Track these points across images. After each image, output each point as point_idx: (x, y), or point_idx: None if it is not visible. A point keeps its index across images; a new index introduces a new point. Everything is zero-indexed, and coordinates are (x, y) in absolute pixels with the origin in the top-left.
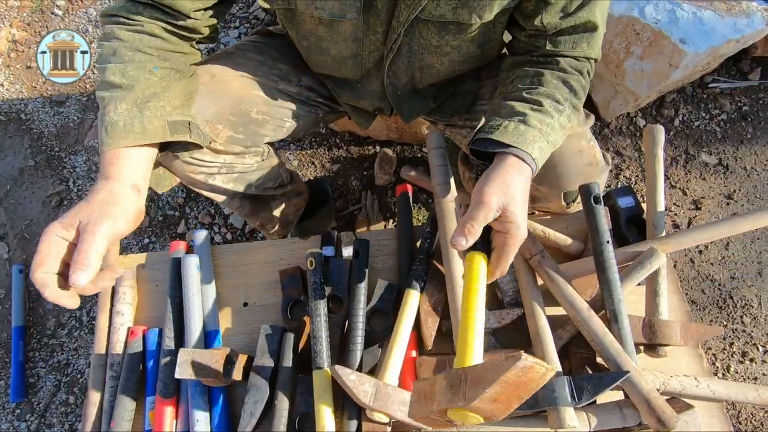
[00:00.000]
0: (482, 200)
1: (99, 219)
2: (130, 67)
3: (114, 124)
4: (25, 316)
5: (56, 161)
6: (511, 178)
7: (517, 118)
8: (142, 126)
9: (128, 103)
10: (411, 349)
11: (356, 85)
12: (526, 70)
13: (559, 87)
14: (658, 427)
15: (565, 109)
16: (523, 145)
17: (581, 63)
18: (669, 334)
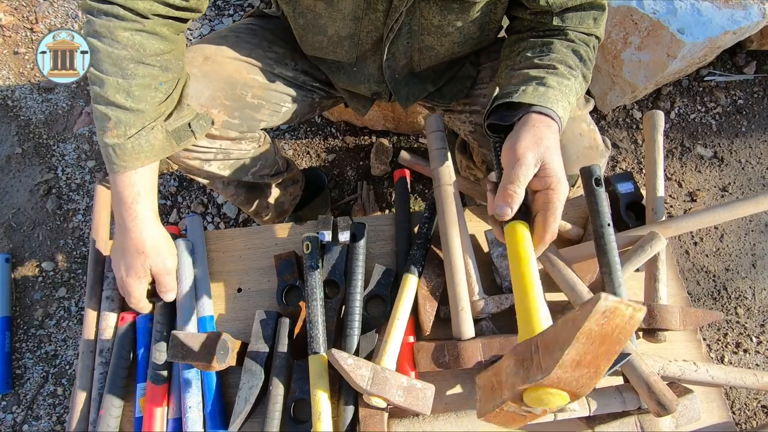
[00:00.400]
0: (518, 157)
1: (164, 262)
2: (135, 87)
3: (122, 147)
4: (11, 306)
5: (44, 149)
6: (542, 132)
7: (535, 82)
8: (150, 144)
9: (137, 128)
10: (408, 334)
11: (351, 69)
12: (533, 41)
13: (569, 54)
14: (658, 411)
15: (577, 75)
16: (547, 103)
17: (588, 37)
18: (668, 319)
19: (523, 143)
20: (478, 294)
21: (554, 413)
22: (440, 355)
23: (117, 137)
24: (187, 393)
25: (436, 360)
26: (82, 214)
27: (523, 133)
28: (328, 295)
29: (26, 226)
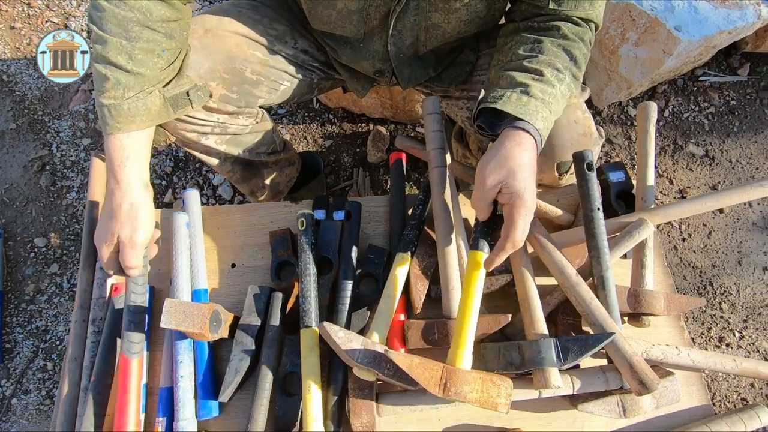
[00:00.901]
0: (480, 179)
1: (132, 234)
2: (138, 50)
3: (118, 108)
4: (2, 281)
5: (39, 125)
6: (510, 152)
7: (519, 89)
8: (146, 108)
9: (135, 91)
10: (399, 312)
11: (358, 45)
12: (526, 36)
13: (559, 55)
14: (639, 389)
15: (565, 78)
16: (526, 116)
17: (582, 29)
18: (653, 304)
19: (489, 166)
20: None
21: (539, 390)
22: (430, 332)
23: (114, 98)
24: (179, 363)
25: (426, 337)
26: (76, 192)
27: (493, 154)
28: (321, 272)
29: (19, 201)
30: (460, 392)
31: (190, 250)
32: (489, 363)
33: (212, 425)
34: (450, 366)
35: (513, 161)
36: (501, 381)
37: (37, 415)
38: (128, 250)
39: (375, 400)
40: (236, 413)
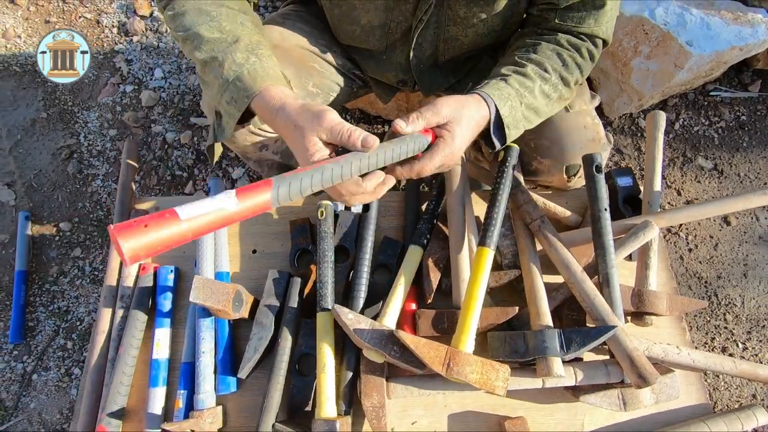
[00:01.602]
0: (435, 104)
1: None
2: (224, 22)
3: (240, 77)
4: (28, 261)
5: (69, 115)
6: (468, 104)
7: (498, 78)
8: (266, 71)
9: (242, 52)
10: (411, 301)
11: (381, 57)
12: (526, 41)
13: (551, 57)
14: (638, 382)
15: (550, 78)
16: (496, 96)
17: (580, 42)
18: (656, 303)
19: (447, 100)
20: None
21: (542, 380)
22: (440, 321)
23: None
24: (201, 340)
25: (436, 326)
26: (101, 180)
27: (456, 96)
28: (338, 260)
29: (47, 187)
30: (461, 372)
31: (215, 234)
32: (495, 350)
33: (230, 400)
34: (454, 348)
35: (467, 112)
36: (500, 366)
37: (56, 391)
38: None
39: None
40: (253, 390)
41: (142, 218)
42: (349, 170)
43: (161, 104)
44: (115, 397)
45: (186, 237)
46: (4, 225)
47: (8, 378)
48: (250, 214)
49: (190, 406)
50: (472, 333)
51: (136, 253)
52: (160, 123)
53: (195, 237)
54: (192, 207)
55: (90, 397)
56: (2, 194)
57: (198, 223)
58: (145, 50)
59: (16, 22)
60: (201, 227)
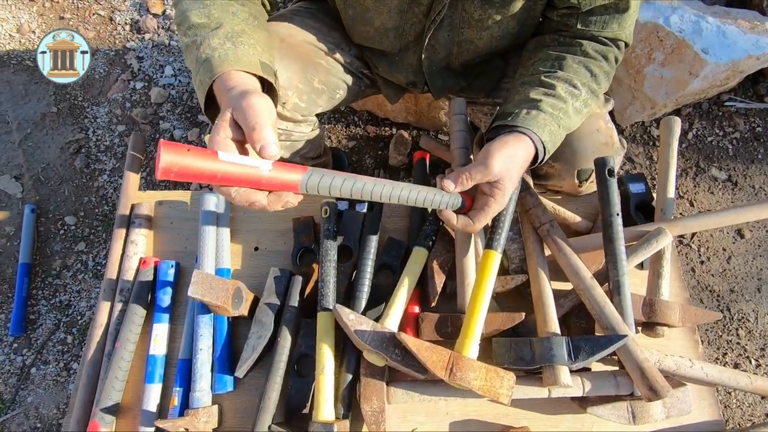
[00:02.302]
0: (486, 164)
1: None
2: (214, 9)
3: (210, 58)
4: (32, 254)
5: (78, 110)
6: (516, 152)
7: (530, 105)
8: (237, 57)
9: (219, 38)
10: (414, 304)
11: (394, 58)
12: (549, 53)
13: (579, 71)
14: (649, 395)
15: (580, 94)
16: (534, 127)
17: (607, 48)
18: (668, 314)
19: (497, 156)
20: None
21: (548, 389)
22: (444, 325)
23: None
24: (199, 337)
25: (439, 330)
26: (107, 175)
27: (500, 145)
28: (341, 260)
29: (54, 180)
30: (464, 378)
31: (217, 230)
32: (499, 357)
33: (226, 399)
34: (457, 353)
35: (516, 164)
36: (505, 373)
37: (53, 385)
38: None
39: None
40: (250, 390)
41: (188, 145)
42: (379, 192)
43: (170, 101)
44: (110, 392)
45: (215, 176)
46: (10, 217)
47: (7, 371)
48: (277, 185)
49: (185, 404)
50: (477, 338)
51: (170, 167)
52: (168, 120)
53: (222, 181)
54: (231, 155)
55: (85, 391)
56: (10, 186)
57: (230, 169)
58: (157, 48)
59: (31, 17)
60: (231, 174)
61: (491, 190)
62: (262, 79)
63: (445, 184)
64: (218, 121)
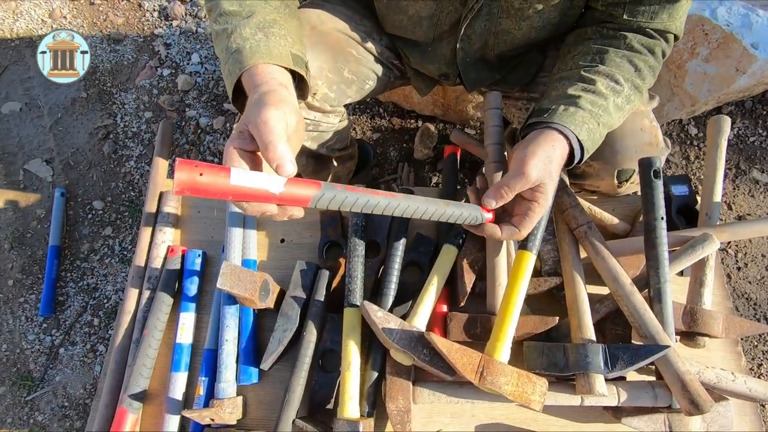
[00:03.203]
0: (523, 172)
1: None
2: None
3: (240, 49)
4: (61, 237)
5: (107, 96)
6: (552, 153)
7: (567, 101)
8: (268, 49)
9: (251, 27)
10: (442, 303)
11: (427, 49)
12: (590, 46)
13: (621, 66)
14: (690, 410)
15: (623, 90)
16: (571, 124)
17: (654, 41)
18: (710, 324)
19: (533, 162)
20: None
21: (581, 397)
22: (473, 326)
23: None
24: (225, 327)
25: (468, 331)
26: (134, 161)
27: (535, 148)
28: (368, 255)
29: (83, 165)
30: (495, 382)
31: (243, 221)
32: (531, 361)
33: (250, 391)
34: (488, 357)
35: (553, 165)
36: (537, 379)
37: (80, 366)
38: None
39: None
40: (274, 383)
41: (202, 165)
42: (394, 206)
43: (196, 89)
44: (138, 379)
45: (227, 195)
46: (41, 200)
47: (37, 350)
48: (288, 202)
49: (210, 394)
50: (509, 341)
51: (183, 189)
52: (194, 108)
53: (233, 200)
54: (244, 175)
55: (113, 377)
56: (41, 170)
57: (241, 191)
58: (184, 35)
59: (63, 3)
60: (242, 194)
61: (533, 195)
62: (292, 72)
63: (487, 203)
64: (235, 130)
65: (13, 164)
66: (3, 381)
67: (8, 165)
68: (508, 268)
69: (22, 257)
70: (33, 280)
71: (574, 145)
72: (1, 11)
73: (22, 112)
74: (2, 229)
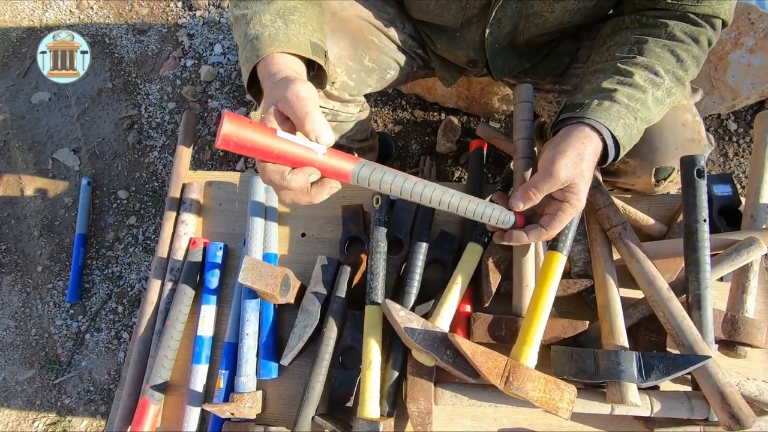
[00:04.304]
0: (551, 172)
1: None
2: None
3: (259, 36)
4: (88, 225)
5: (132, 87)
6: (584, 152)
7: (602, 95)
8: (287, 37)
9: (271, 14)
10: (465, 303)
11: (454, 34)
12: (628, 36)
13: (662, 57)
14: (729, 424)
15: (663, 82)
16: (605, 119)
17: (698, 29)
18: (753, 333)
19: (563, 161)
20: None
21: (612, 406)
22: (497, 328)
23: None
24: (245, 321)
25: (492, 332)
26: (158, 151)
27: (565, 147)
28: (391, 252)
29: (108, 155)
30: (522, 388)
31: (265, 214)
32: (559, 367)
33: (270, 386)
34: (514, 361)
35: (585, 164)
36: (565, 386)
37: (105, 352)
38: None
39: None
40: (293, 378)
41: (249, 119)
42: (429, 195)
43: (219, 80)
44: (159, 371)
45: (271, 152)
46: (68, 189)
47: (64, 335)
48: (328, 171)
49: (230, 387)
50: (536, 346)
51: (229, 137)
52: (216, 98)
53: (277, 158)
54: (289, 135)
55: (135, 367)
56: (69, 159)
57: (286, 148)
58: (207, 25)
59: None
60: (286, 152)
61: (564, 195)
62: (311, 61)
63: (514, 205)
64: (264, 115)
65: (42, 153)
66: (33, 364)
67: (38, 154)
68: (535, 269)
69: (51, 244)
70: (61, 267)
71: (608, 142)
72: (32, 2)
73: (51, 102)
74: (32, 216)
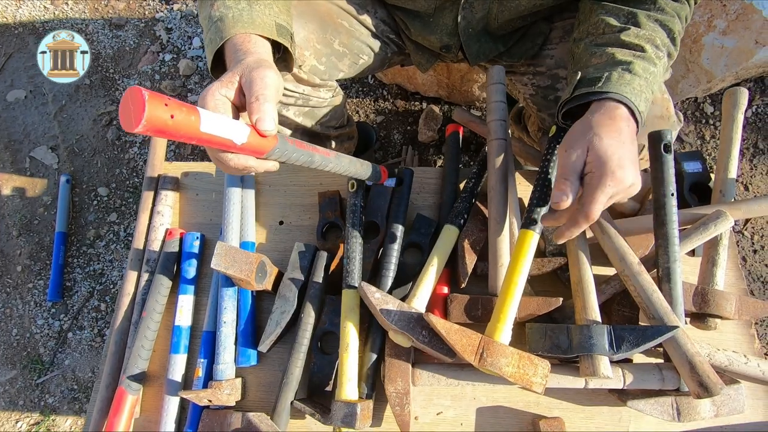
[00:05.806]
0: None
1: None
2: None
3: (223, 18)
4: (67, 223)
5: (110, 82)
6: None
7: (620, 67)
8: (251, 18)
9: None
10: (443, 285)
11: (428, 19)
12: (618, 7)
13: (657, 30)
14: (698, 392)
15: (663, 56)
16: (631, 95)
17: (680, 4)
18: (722, 305)
19: (572, 136)
20: None
21: (585, 380)
22: (473, 308)
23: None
24: (223, 309)
25: (469, 312)
26: (137, 147)
27: (604, 129)
28: (368, 236)
29: (87, 152)
30: (495, 364)
31: (242, 203)
32: (534, 343)
33: (249, 373)
34: (488, 338)
35: (601, 128)
36: (539, 361)
37: (88, 350)
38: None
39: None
40: (272, 365)
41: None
42: (329, 164)
43: (198, 74)
44: (137, 361)
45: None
46: (47, 187)
47: (46, 334)
48: (248, 151)
49: (209, 376)
50: (510, 323)
51: (149, 128)
52: (196, 92)
53: (200, 143)
54: (214, 121)
55: (113, 358)
56: (47, 157)
57: (208, 137)
58: (185, 18)
59: None
60: (209, 140)
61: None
62: (276, 43)
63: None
64: (224, 76)
65: (19, 152)
66: (14, 364)
67: (15, 153)
68: (510, 249)
69: (30, 244)
70: (41, 266)
71: (637, 115)
72: None
73: (27, 100)
74: (10, 215)
